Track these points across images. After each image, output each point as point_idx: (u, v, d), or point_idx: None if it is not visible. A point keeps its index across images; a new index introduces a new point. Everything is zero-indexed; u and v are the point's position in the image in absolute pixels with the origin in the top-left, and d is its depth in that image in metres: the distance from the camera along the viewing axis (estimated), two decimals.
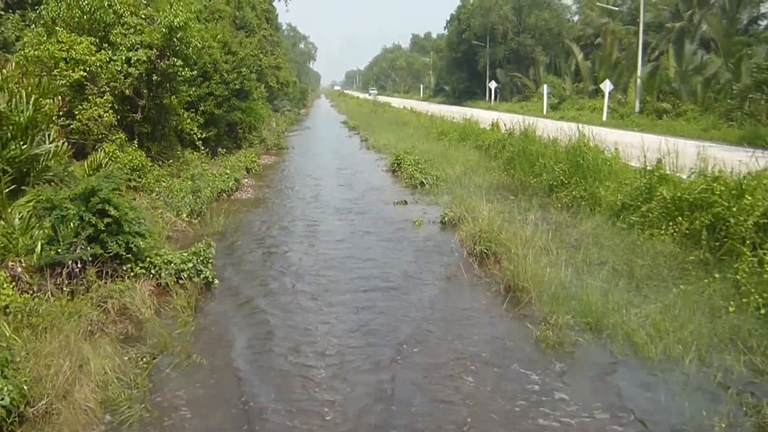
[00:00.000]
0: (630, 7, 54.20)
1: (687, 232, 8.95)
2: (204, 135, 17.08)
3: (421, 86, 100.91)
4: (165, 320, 6.61)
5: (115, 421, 4.71)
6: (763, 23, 42.62)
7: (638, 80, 34.53)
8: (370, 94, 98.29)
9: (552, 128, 17.11)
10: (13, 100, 9.63)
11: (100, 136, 12.83)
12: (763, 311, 6.33)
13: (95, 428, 4.60)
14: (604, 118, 34.44)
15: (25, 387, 4.67)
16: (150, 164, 13.34)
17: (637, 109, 34.19)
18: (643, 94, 34.31)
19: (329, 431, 4.76)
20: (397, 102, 65.29)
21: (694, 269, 7.83)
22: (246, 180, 16.63)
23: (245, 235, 11.00)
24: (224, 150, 18.95)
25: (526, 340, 6.24)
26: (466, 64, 69.11)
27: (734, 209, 8.22)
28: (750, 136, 22.13)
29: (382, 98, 78.28)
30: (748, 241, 7.76)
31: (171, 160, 14.67)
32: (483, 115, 31.30)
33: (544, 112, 42.92)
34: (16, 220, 7.57)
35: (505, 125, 20.67)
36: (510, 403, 5.12)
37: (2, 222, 7.56)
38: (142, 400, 4.98)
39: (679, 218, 9.21)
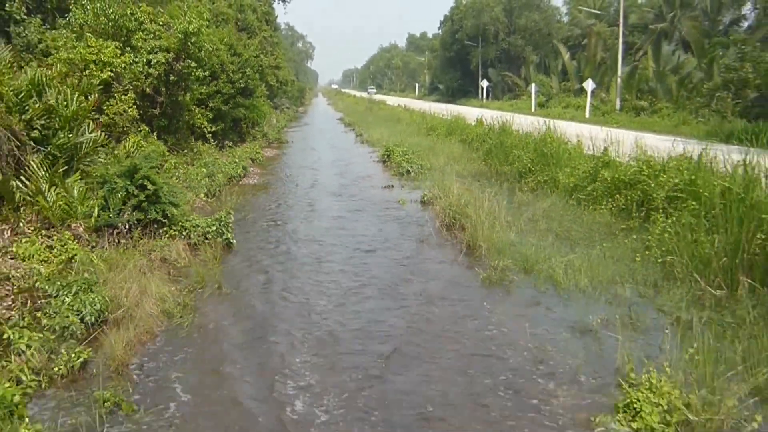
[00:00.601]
0: (616, 9, 56.18)
1: (622, 206, 10.88)
2: (213, 129, 18.97)
3: (417, 85, 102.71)
4: (197, 268, 8.50)
5: (172, 324, 6.62)
6: (744, 25, 44.57)
7: (618, 80, 36.49)
8: (368, 93, 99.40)
9: (531, 124, 19.01)
10: (60, 96, 11.51)
11: (124, 129, 14.69)
12: (659, 260, 8.24)
13: (161, 327, 6.50)
14: (587, 115, 36.38)
15: (108, 299, 6.58)
16: (167, 153, 15.21)
17: (617, 106, 36.17)
18: (624, 92, 36.29)
19: (318, 324, 6.68)
20: (392, 100, 67.15)
21: (621, 234, 9.75)
22: (252, 168, 18.56)
23: (254, 211, 12.94)
24: (230, 143, 20.84)
25: (475, 279, 8.17)
26: (459, 63, 71.06)
27: (653, 185, 10.16)
28: (714, 131, 24.09)
29: (378, 96, 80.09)
30: (661, 210, 9.68)
31: (185, 150, 16.55)
32: (472, 112, 33.17)
33: (533, 110, 44.80)
34: (75, 192, 9.45)
35: (486, 121, 22.57)
36: (458, 317, 7.03)
37: (64, 194, 9.43)
38: (190, 313, 6.90)
39: (617, 195, 11.15)
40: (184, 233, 9.40)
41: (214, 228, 9.59)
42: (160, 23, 16.44)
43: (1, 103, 10.35)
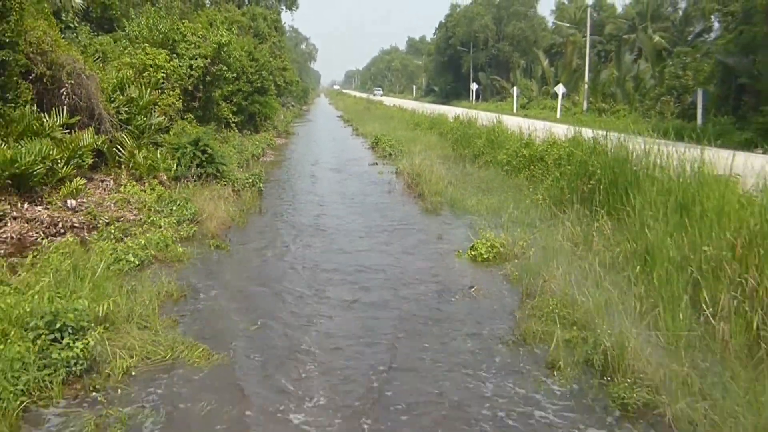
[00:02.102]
0: (595, 20, 60.93)
1: (533, 175, 15.56)
2: (235, 120, 23.67)
3: (414, 87, 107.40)
4: (244, 199, 13.21)
5: (235, 224, 11.33)
6: (711, 36, 49.10)
7: (586, 85, 41.25)
8: (374, 94, 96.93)
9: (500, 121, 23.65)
10: (138, 91, 16.20)
11: (172, 117, 19.35)
12: (541, 202, 12.88)
13: (229, 224, 11.21)
14: (558, 115, 41.10)
15: (196, 209, 11.29)
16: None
17: (585, 108, 40.92)
18: (590, 96, 41.03)
19: (318, 225, 11.39)
20: (389, 101, 71.93)
21: (527, 189, 14.41)
22: (268, 151, 23.29)
23: (273, 176, 17.73)
24: (248, 132, 25.53)
25: (419, 211, 12.91)
26: (452, 67, 75.90)
27: (548, 157, 14.86)
28: (654, 129, 28.78)
29: (372, 96, 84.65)
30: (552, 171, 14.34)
31: (217, 135, 21.23)
32: (457, 112, 37.86)
33: (514, 111, 49.53)
34: (158, 154, 14.15)
35: (461, 118, 27.26)
36: (404, 224, 11.72)
37: (149, 156, 14.10)
38: (244, 219, 11.61)
39: (531, 166, 15.82)
40: (231, 183, 14.09)
41: (251, 180, 14.31)
42: (199, 35, 21.12)
43: (102, 95, 15.05)
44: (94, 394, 4.74)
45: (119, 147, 14.18)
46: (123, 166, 14.00)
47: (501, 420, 4.69)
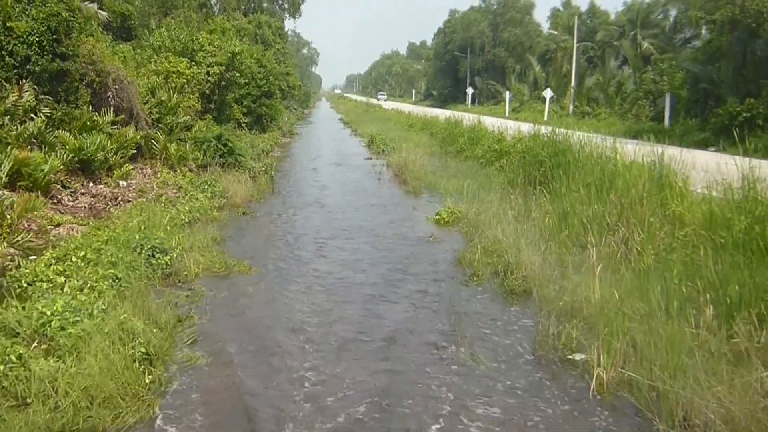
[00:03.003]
0: (588, 26, 63.79)
1: (501, 166, 18.33)
2: (245, 120, 26.49)
3: (413, 91, 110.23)
4: (260, 183, 16.03)
5: (253, 201, 14.15)
6: (698, 43, 51.60)
7: (572, 89, 44.08)
8: (378, 99, 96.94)
9: (489, 123, 26.47)
10: (167, 94, 19.03)
11: (193, 117, 22.17)
12: (502, 184, 15.63)
13: (249, 200, 14.02)
14: (545, 118, 43.84)
15: (222, 189, 14.11)
16: None
17: (571, 111, 43.72)
18: (576, 100, 43.85)
19: (320, 201, 14.19)
20: (388, 105, 74.83)
21: (494, 177, 17.18)
22: (275, 148, 26.13)
23: (281, 168, 20.54)
24: (257, 132, 28.35)
25: (401, 194, 15.73)
26: (450, 72, 78.79)
27: (513, 151, 17.64)
28: (629, 130, 31.56)
29: (374, 101, 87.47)
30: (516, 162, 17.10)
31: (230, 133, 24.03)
32: (450, 114, 40.76)
33: (507, 114, 52.33)
34: (187, 146, 16.97)
35: (451, 120, 30.08)
36: (390, 204, 14.50)
37: (180, 148, 16.90)
38: (261, 197, 14.45)
39: (502, 159, 18.59)
40: (247, 171, 16.89)
41: (264, 169, 17.14)
42: (215, 45, 23.97)
43: (138, 98, 17.86)
44: (179, 284, 7.56)
45: (154, 141, 16.98)
46: (158, 157, 16.82)
47: (438, 301, 7.49)
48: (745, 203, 8.02)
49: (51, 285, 6.63)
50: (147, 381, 4.98)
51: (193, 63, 23.18)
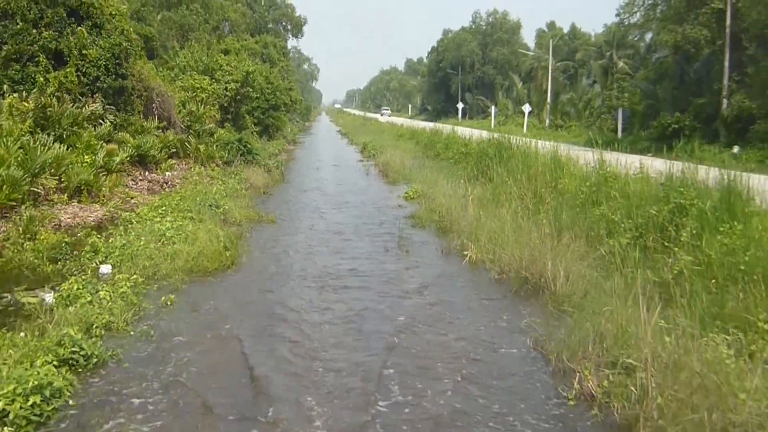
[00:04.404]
0: (570, 47, 68.67)
1: (466, 164, 22.74)
2: (256, 129, 30.93)
3: (410, 105, 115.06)
4: (273, 175, 20.42)
5: (269, 188, 18.54)
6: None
7: (548, 105, 48.69)
8: (382, 114, 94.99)
9: (469, 133, 30.92)
10: (195, 106, 23.47)
11: (214, 125, 26.61)
12: (460, 173, 19.98)
13: (266, 187, 18.39)
14: (524, 131, 48.42)
15: (245, 178, 18.52)
16: None
17: (547, 124, 48.30)
18: (551, 114, 48.45)
19: (322, 189, 18.57)
20: (384, 119, 79.52)
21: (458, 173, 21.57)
22: (282, 152, 30.59)
23: (288, 167, 24.96)
24: (265, 140, 32.80)
25: (383, 183, 20.17)
26: (443, 88, 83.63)
27: (473, 152, 22.06)
28: (589, 140, 36.02)
29: (370, 115, 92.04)
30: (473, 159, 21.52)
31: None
32: (439, 127, 45.35)
33: (492, 127, 56.81)
34: (214, 147, 21.39)
35: (431, 130, 34.57)
36: (374, 191, 18.88)
37: (208, 149, 21.28)
38: (276, 184, 18.85)
39: (466, 159, 23.01)
40: (263, 166, 21.29)
41: (276, 165, 21.55)
42: (232, 65, 28.48)
43: (174, 109, 22.30)
44: (231, 224, 11.96)
45: (187, 143, 21.37)
46: (191, 156, 21.21)
47: (394, 234, 11.84)
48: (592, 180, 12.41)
49: (155, 220, 10.99)
50: (227, 255, 9.37)
51: (214, 80, 27.66)
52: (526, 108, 49.12)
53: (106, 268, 8.51)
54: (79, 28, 18.09)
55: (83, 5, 18.22)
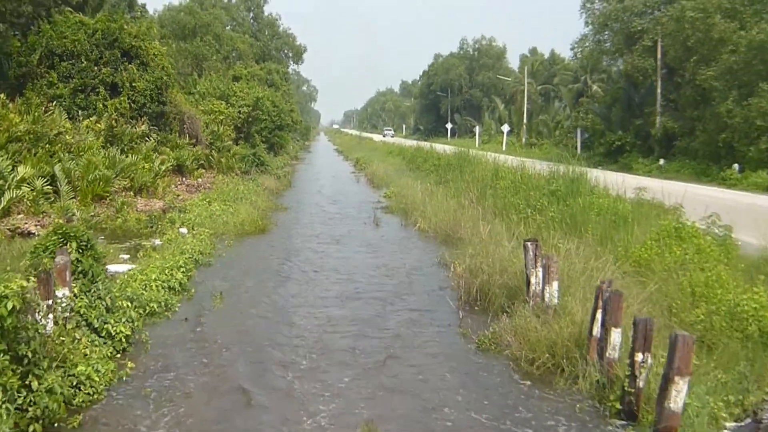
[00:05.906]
0: (549, 71, 74.17)
1: (438, 173, 27.73)
2: (264, 147, 35.94)
3: (403, 126, 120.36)
4: (283, 180, 25.40)
5: (280, 191, 23.51)
6: None
7: (524, 125, 53.95)
8: (385, 135, 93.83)
9: (447, 149, 35.96)
10: (216, 126, 28.49)
11: (229, 143, 31.62)
12: (431, 178, 24.94)
13: (277, 190, 23.35)
14: (503, 148, 53.62)
15: (260, 181, 23.53)
16: None
17: (523, 142, 53.49)
18: (527, 134, 53.67)
19: (322, 188, 23.55)
20: (377, 138, 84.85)
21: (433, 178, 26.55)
22: (286, 166, 35.66)
23: (293, 177, 29.94)
24: (271, 155, 37.84)
25: (369, 187, 25.16)
26: (433, 109, 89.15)
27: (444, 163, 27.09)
28: (553, 156, 41.14)
29: (366, 134, 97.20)
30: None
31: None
32: (426, 145, 50.52)
33: (477, 145, 62.04)
34: (233, 159, 26.39)
35: (415, 147, 39.65)
36: (358, 192, 23.83)
37: (228, 161, 26.23)
38: (285, 188, 23.82)
39: (438, 169, 28.00)
40: (273, 174, 26.27)
41: (284, 174, 26.52)
42: (245, 92, 33.58)
43: (200, 129, 27.30)
44: (257, 209, 16.91)
45: (211, 156, 26.36)
46: (214, 167, 26.18)
47: (371, 218, 16.80)
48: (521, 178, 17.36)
49: (204, 206, 15.89)
50: (260, 224, 14.42)
51: (229, 105, 32.71)
52: (505, 128, 54.39)
53: (183, 230, 13.39)
54: (130, 65, 23.08)
55: (133, 48, 23.22)
